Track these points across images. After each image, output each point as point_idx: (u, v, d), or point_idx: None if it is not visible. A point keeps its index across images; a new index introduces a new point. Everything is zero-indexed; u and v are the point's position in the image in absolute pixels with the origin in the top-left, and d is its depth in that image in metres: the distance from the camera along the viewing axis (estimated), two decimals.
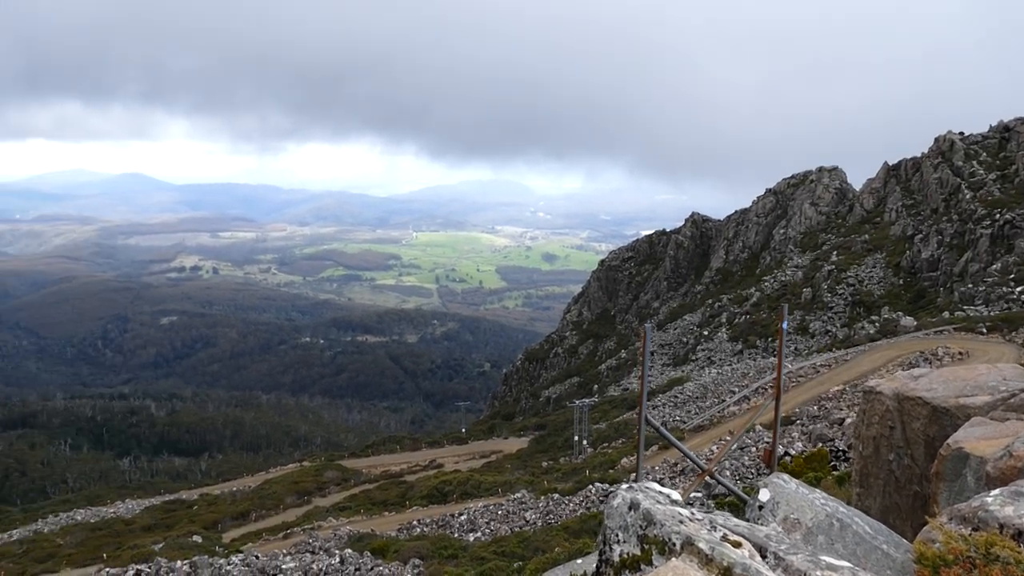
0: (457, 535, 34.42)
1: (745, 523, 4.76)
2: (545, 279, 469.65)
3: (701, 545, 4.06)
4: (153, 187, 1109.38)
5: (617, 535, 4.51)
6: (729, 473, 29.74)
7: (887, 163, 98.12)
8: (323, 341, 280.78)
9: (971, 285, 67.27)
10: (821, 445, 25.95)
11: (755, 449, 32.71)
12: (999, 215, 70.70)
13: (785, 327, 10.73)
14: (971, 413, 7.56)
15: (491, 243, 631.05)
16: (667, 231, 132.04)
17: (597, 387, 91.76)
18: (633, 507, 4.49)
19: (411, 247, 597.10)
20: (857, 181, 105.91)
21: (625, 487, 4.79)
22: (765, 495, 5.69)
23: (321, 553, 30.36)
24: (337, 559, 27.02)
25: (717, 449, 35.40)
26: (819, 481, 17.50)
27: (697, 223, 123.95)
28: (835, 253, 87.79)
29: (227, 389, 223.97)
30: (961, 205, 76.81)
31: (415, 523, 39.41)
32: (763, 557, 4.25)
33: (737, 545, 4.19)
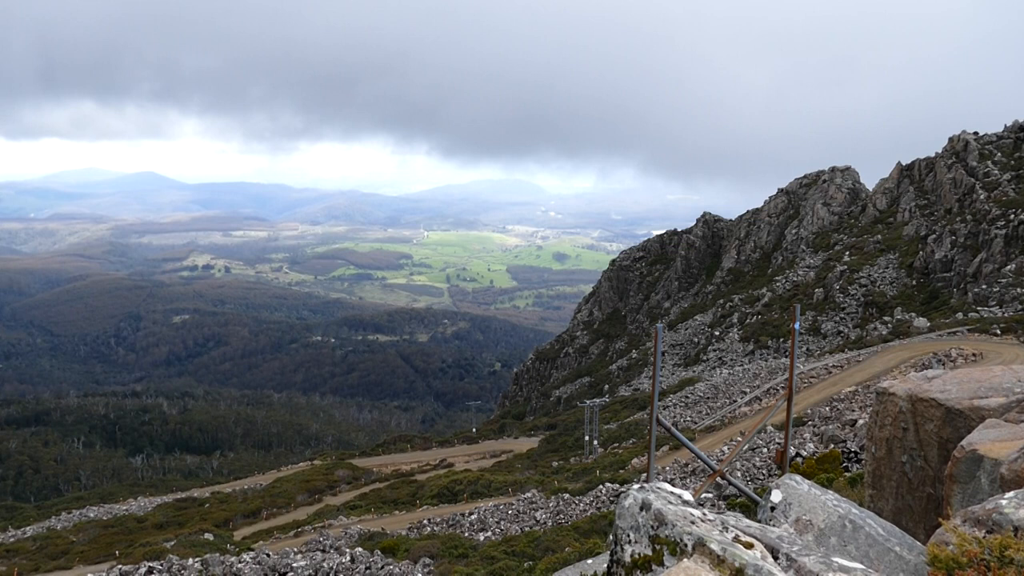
0: (467, 534, 34.43)
1: (757, 524, 4.74)
2: (556, 279, 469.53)
3: (713, 546, 4.06)
4: (166, 186, 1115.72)
5: (628, 535, 4.50)
6: (740, 474, 29.64)
7: (900, 163, 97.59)
8: (334, 340, 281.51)
9: (985, 286, 66.81)
10: (833, 446, 25.83)
11: (766, 450, 32.59)
12: (1014, 215, 70.17)
13: (797, 327, 10.69)
14: (985, 415, 7.51)
15: (502, 242, 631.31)
16: (678, 231, 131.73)
17: (608, 387, 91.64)
18: (645, 507, 4.48)
19: (422, 246, 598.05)
20: (870, 181, 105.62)
21: (637, 487, 4.78)
22: (777, 496, 5.67)
23: (332, 551, 30.44)
24: (348, 558, 27.08)
25: (728, 450, 35.31)
26: (831, 482, 17.42)
27: (709, 223, 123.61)
28: (847, 253, 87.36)
29: (239, 387, 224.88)
30: (975, 205, 76.30)
31: (425, 522, 39.45)
32: (775, 558, 4.24)
33: (749, 546, 4.18)
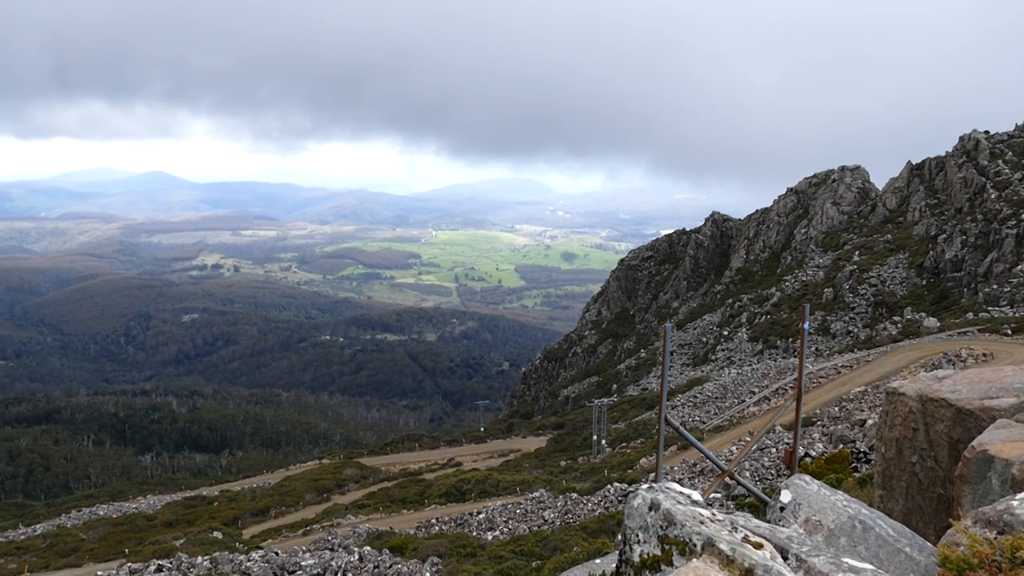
0: (475, 533, 34.44)
1: (766, 524, 4.73)
2: (564, 278, 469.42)
3: (722, 546, 4.04)
4: (176, 185, 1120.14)
5: (637, 535, 4.49)
6: (749, 474, 29.57)
7: (910, 162, 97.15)
8: (343, 339, 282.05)
9: (996, 286, 66.48)
10: (842, 446, 25.74)
11: (775, 450, 32.50)
12: None
13: (807, 327, 10.65)
14: (996, 415, 7.47)
15: (510, 242, 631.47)
16: (687, 230, 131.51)
17: (616, 387, 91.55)
18: (653, 507, 4.47)
19: (430, 246, 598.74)
20: (880, 180, 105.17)
21: (645, 487, 4.77)
22: (786, 496, 5.65)
23: (340, 550, 30.49)
24: (356, 556, 27.12)
25: (737, 450, 35.21)
26: (840, 483, 17.35)
27: (717, 222, 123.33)
28: (857, 253, 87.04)
29: (248, 386, 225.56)
30: (986, 205, 75.91)
31: (433, 521, 39.48)
32: (785, 559, 4.22)
33: (758, 546, 4.17)
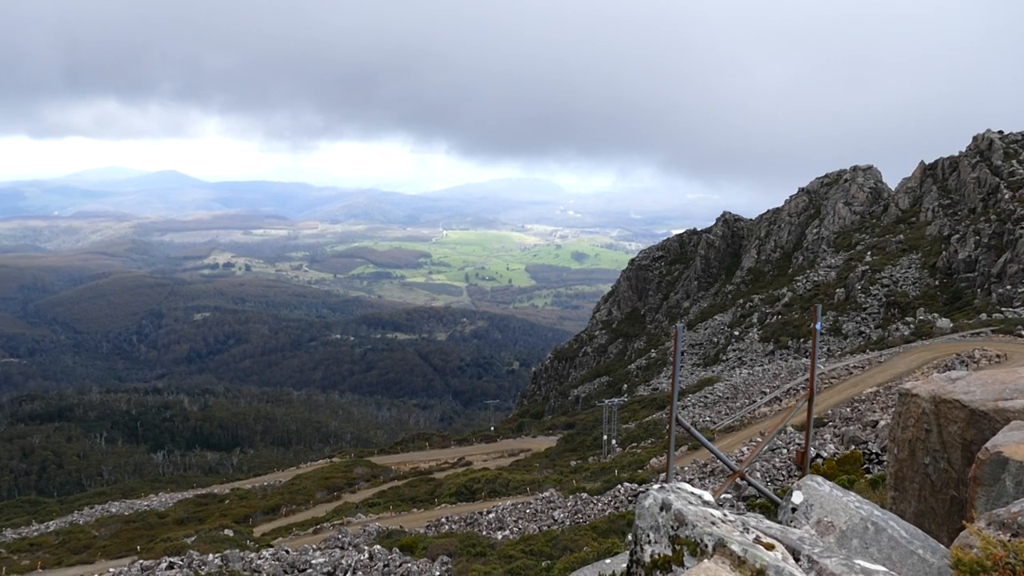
0: (485, 533, 34.46)
1: (778, 525, 4.71)
2: (575, 278, 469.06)
3: (733, 547, 4.03)
4: (188, 185, 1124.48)
5: (648, 535, 4.48)
6: (759, 475, 29.48)
7: (923, 162, 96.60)
8: (353, 338, 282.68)
9: (1010, 286, 66.03)
10: (854, 447, 25.63)
11: (786, 451, 32.39)
12: None
13: (818, 328, 10.60)
14: (1010, 417, 7.42)
15: (521, 241, 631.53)
16: (698, 230, 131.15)
17: (626, 387, 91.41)
18: (665, 507, 4.46)
19: (441, 245, 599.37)
20: (892, 180, 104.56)
21: (657, 487, 4.76)
22: (798, 497, 5.63)
23: (350, 549, 30.57)
24: (366, 555, 27.18)
25: (748, 450, 35.10)
26: (852, 484, 17.27)
27: (728, 222, 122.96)
28: (869, 253, 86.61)
29: (259, 385, 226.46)
30: (1000, 205, 75.40)
31: (443, 520, 39.53)
32: (796, 560, 4.20)
33: (770, 547, 4.15)
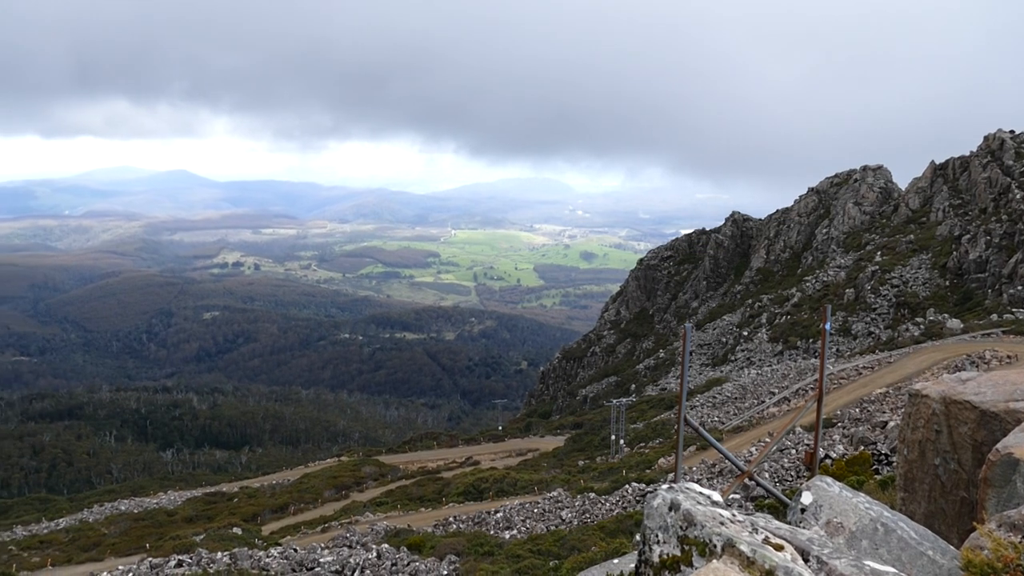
0: (493, 532, 34.47)
1: (787, 526, 4.70)
2: (583, 278, 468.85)
3: (742, 547, 4.02)
4: (197, 184, 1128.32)
5: (657, 535, 4.47)
6: (768, 475, 29.39)
7: (934, 162, 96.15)
8: (362, 337, 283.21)
9: (1020, 287, 65.68)
10: (863, 448, 25.53)
11: (795, 451, 32.29)
12: None
13: (828, 328, 10.55)
14: (1021, 418, 7.38)
15: (529, 241, 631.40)
16: (707, 230, 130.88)
17: (634, 387, 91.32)
18: (673, 507, 4.45)
19: (450, 245, 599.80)
20: (902, 180, 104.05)
21: (665, 487, 4.75)
22: (807, 498, 5.62)
23: (358, 547, 30.62)
24: (374, 554, 27.22)
25: (757, 451, 35.01)
26: (861, 485, 17.21)
27: (737, 222, 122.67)
28: (879, 253, 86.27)
29: (267, 384, 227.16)
30: (1011, 205, 75.00)
31: (451, 519, 39.55)
32: (806, 561, 4.19)
33: (779, 548, 4.14)
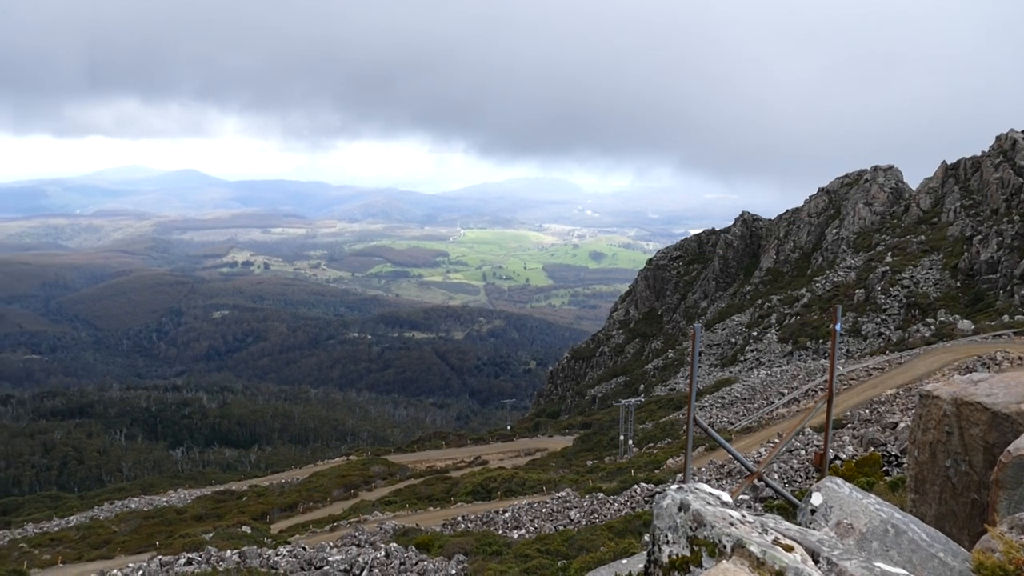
0: (501, 532, 34.46)
1: (797, 527, 4.68)
2: (592, 277, 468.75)
3: (752, 548, 4.01)
4: (207, 183, 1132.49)
5: (666, 536, 4.47)
6: (777, 476, 29.30)
7: (945, 162, 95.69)
8: (371, 337, 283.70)
9: None
10: (873, 449, 25.42)
11: (804, 452, 32.17)
12: None
13: (838, 328, 10.52)
14: None
15: (538, 241, 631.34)
16: (716, 230, 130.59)
17: (643, 387, 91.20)
18: (683, 508, 4.45)
19: (459, 244, 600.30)
20: (913, 180, 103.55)
21: (675, 487, 4.75)
22: (818, 499, 5.60)
23: (367, 546, 30.67)
24: (382, 553, 27.26)
25: (766, 452, 34.92)
26: (871, 486, 17.14)
27: (747, 222, 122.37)
28: (890, 254, 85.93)
29: (276, 383, 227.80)
30: (1023, 206, 74.63)
31: (459, 519, 39.57)
32: (816, 562, 4.18)
33: (789, 549, 4.13)
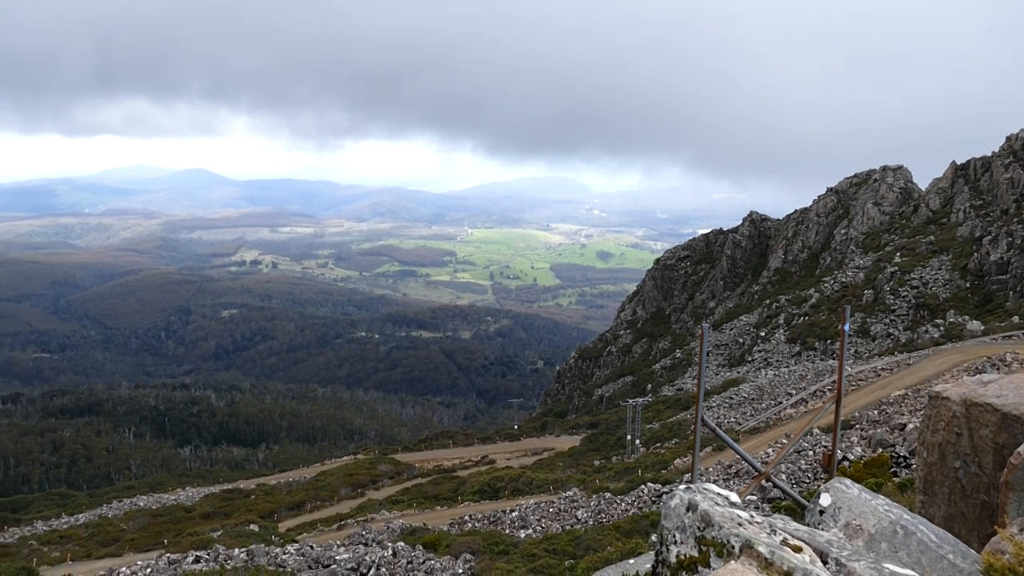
0: (508, 531, 34.48)
1: (805, 527, 4.67)
2: (599, 277, 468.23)
3: (760, 548, 4.00)
4: (216, 183, 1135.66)
5: (674, 536, 4.46)
6: (785, 477, 29.24)
7: (955, 162, 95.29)
8: (378, 336, 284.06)
9: None
10: (881, 451, 25.34)
11: (812, 453, 32.09)
12: None
13: (847, 329, 10.49)
14: None
15: (546, 240, 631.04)
16: (724, 230, 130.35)
17: (651, 387, 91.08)
18: (691, 508, 4.44)
19: (466, 244, 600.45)
20: (923, 181, 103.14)
21: (683, 488, 4.74)
22: (826, 499, 5.59)
23: (374, 545, 30.71)
24: (390, 552, 27.29)
25: (774, 452, 34.84)
26: (880, 487, 17.09)
27: (755, 222, 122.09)
28: (899, 254, 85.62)
29: (284, 381, 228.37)
30: None
31: (466, 518, 39.60)
32: (824, 563, 4.17)
33: (798, 550, 4.12)
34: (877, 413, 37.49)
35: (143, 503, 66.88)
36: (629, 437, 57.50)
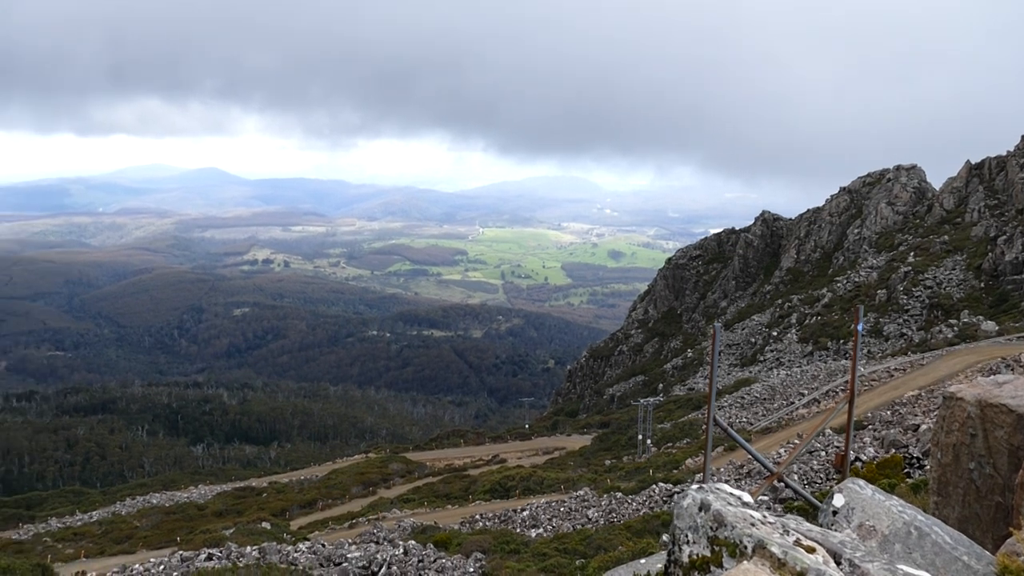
0: (519, 530, 34.48)
1: (818, 528, 4.65)
2: (611, 276, 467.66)
3: (773, 549, 3.99)
4: (228, 182, 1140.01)
5: (687, 536, 4.45)
6: (797, 477, 29.12)
7: (969, 161, 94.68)
8: (389, 334, 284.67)
9: None
10: (894, 451, 25.21)
11: (824, 453, 31.95)
12: None
13: (860, 329, 10.43)
14: None
15: (557, 239, 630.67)
16: (736, 229, 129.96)
17: (662, 386, 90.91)
18: (703, 508, 4.43)
19: (477, 243, 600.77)
20: (937, 180, 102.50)
21: (695, 487, 4.73)
22: (839, 500, 5.56)
23: (385, 544, 30.77)
24: (401, 550, 27.34)
25: (786, 452, 34.70)
26: (893, 488, 17.00)
27: (768, 222, 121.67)
28: (912, 254, 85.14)
29: (296, 380, 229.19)
30: None
31: (477, 517, 39.63)
32: (837, 563, 4.15)
33: (811, 550, 4.10)
34: (890, 414, 37.29)
35: (156, 501, 67.26)
36: (640, 436, 57.42)
